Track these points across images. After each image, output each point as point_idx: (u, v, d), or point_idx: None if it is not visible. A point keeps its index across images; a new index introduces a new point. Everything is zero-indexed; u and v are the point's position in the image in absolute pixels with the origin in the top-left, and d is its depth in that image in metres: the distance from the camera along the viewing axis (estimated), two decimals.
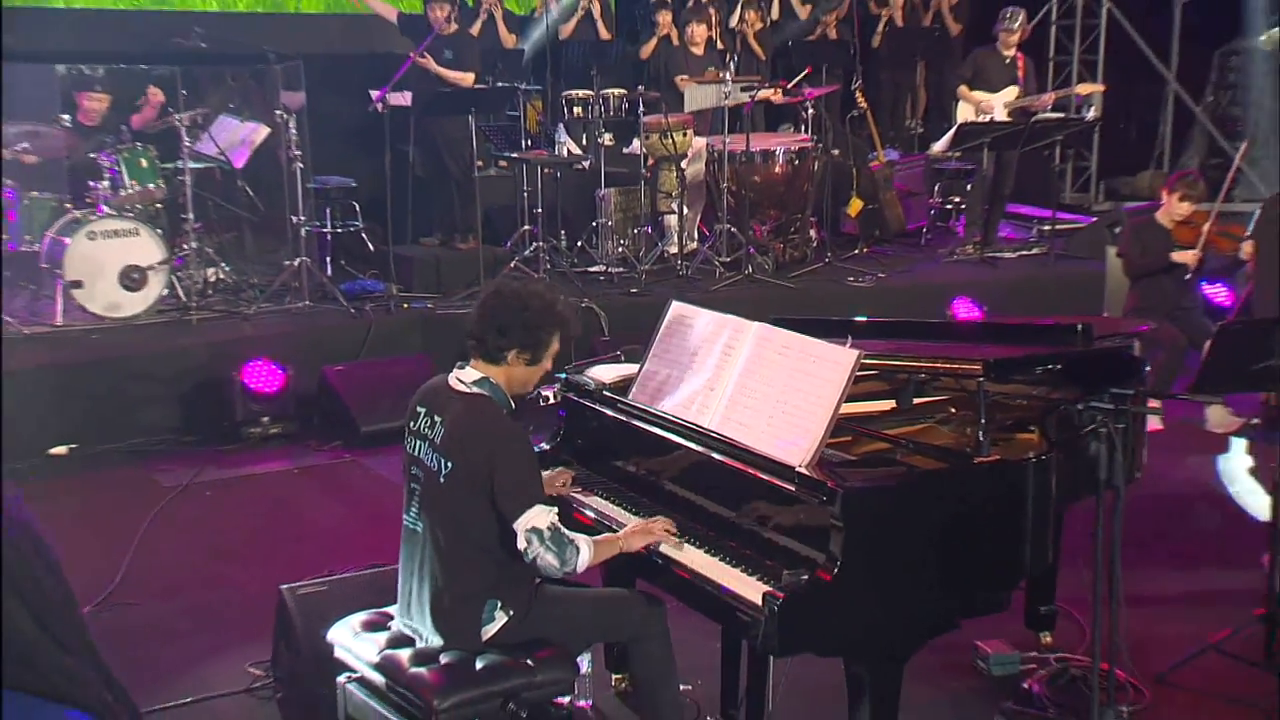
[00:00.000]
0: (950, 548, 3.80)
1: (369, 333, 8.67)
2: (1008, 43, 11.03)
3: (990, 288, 10.03)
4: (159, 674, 5.04)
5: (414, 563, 3.97)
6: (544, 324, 3.89)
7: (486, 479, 3.76)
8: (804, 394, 3.85)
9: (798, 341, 4.00)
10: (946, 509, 3.81)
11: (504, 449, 3.80)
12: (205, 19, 11.33)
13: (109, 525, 6.60)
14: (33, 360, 7.90)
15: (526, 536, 3.69)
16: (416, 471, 3.94)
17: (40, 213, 8.72)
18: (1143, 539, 4.83)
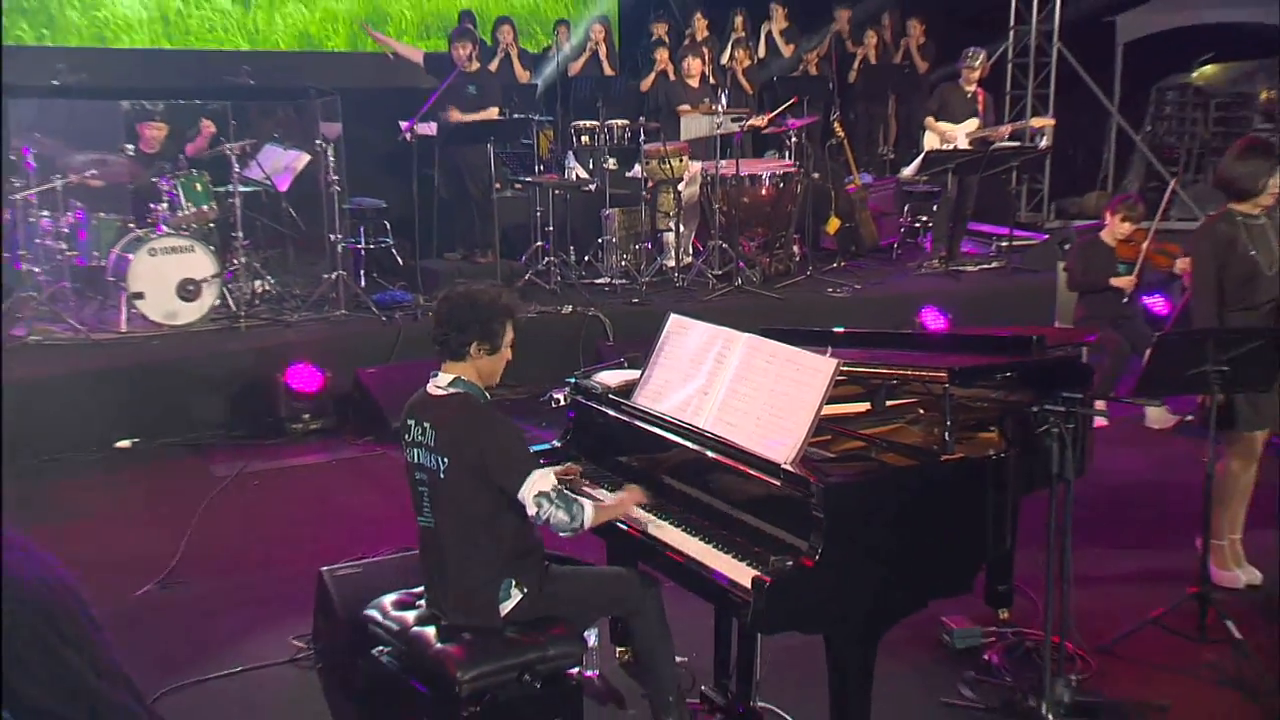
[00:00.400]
0: (920, 536, 3.80)
1: (398, 338, 8.65)
2: (969, 79, 11.05)
3: (954, 298, 10.05)
4: (212, 645, 5.05)
5: (433, 556, 3.97)
6: (494, 315, 3.91)
7: (481, 465, 3.78)
8: (788, 398, 3.84)
9: (783, 351, 3.99)
10: (916, 502, 3.80)
11: (489, 433, 3.82)
12: (252, 58, 11.36)
13: (168, 511, 6.59)
14: (99, 363, 7.92)
15: (535, 501, 3.70)
16: (421, 475, 3.93)
17: (107, 232, 8.72)
18: (1090, 525, 4.84)
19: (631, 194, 10.54)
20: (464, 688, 3.71)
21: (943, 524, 3.85)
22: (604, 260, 10.33)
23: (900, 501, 3.78)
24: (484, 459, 3.78)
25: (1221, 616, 5.05)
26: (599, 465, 4.46)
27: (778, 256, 10.48)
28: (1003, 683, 4.67)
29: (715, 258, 10.13)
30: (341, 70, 11.98)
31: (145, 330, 8.42)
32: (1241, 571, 5.57)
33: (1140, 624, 5.07)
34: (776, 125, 10.99)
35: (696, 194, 10.52)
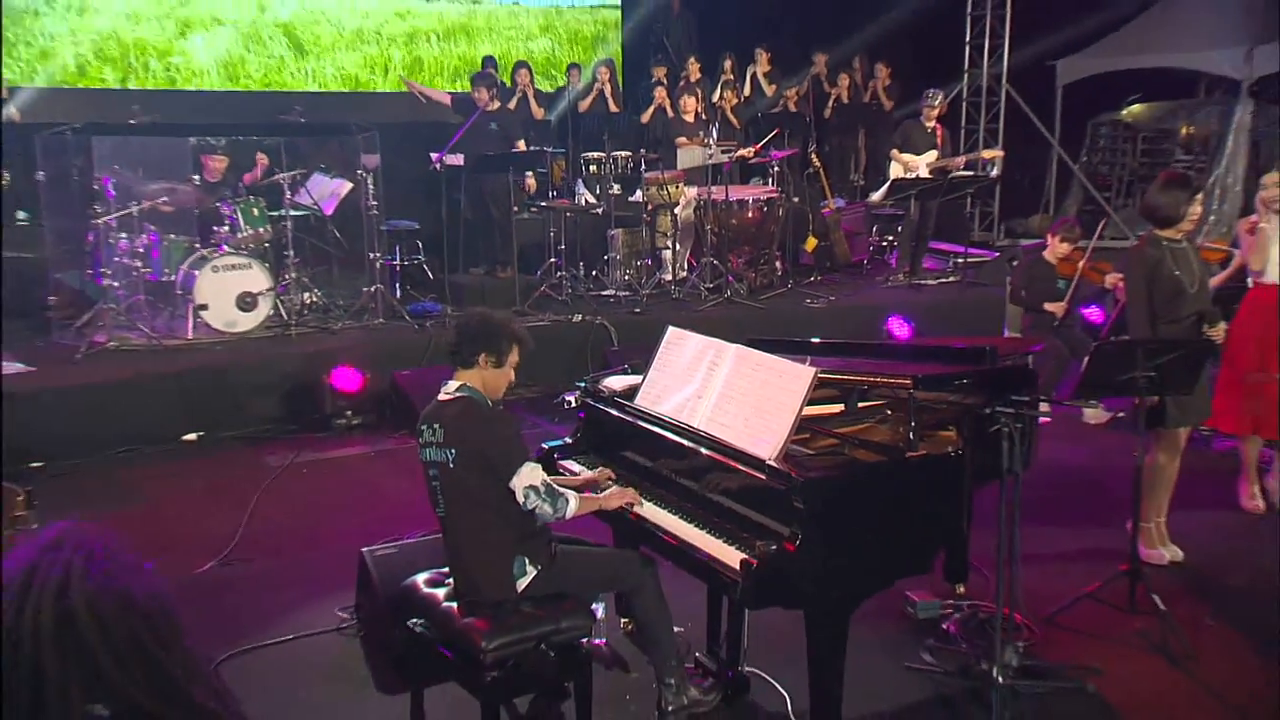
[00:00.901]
0: (888, 523, 3.81)
1: (429, 344, 8.58)
2: (929, 116, 11.04)
3: (917, 308, 10.01)
4: (268, 615, 5.06)
5: (451, 541, 3.97)
6: (503, 335, 3.93)
7: (482, 455, 3.79)
8: (773, 402, 3.84)
9: (768, 360, 3.99)
10: (885, 493, 3.81)
11: (489, 428, 3.83)
12: (302, 98, 11.34)
13: (228, 497, 6.59)
14: (169, 367, 7.90)
15: (524, 492, 3.74)
16: (433, 471, 3.93)
17: (175, 251, 8.70)
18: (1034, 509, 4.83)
19: (634, 216, 10.52)
20: (488, 656, 3.71)
21: (908, 512, 3.86)
22: (609, 274, 10.30)
23: (871, 493, 3.78)
24: (484, 450, 3.80)
25: (1148, 591, 5.05)
26: (606, 459, 4.45)
27: (762, 271, 10.46)
28: (959, 649, 4.67)
29: (707, 272, 10.09)
30: (380, 109, 11.96)
31: (209, 337, 8.41)
32: (1166, 550, 5.57)
33: (1078, 597, 5.08)
34: (761, 156, 10.95)
35: (691, 216, 10.47)
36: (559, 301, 9.70)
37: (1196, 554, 5.60)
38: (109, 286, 8.57)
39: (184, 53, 12.13)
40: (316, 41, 12.81)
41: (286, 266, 8.94)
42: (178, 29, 12.08)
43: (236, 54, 12.38)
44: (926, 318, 9.85)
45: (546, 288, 9.79)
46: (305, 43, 12.75)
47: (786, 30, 13.67)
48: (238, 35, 12.40)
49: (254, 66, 12.49)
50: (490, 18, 13.74)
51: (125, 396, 7.56)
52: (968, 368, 4.32)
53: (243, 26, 12.41)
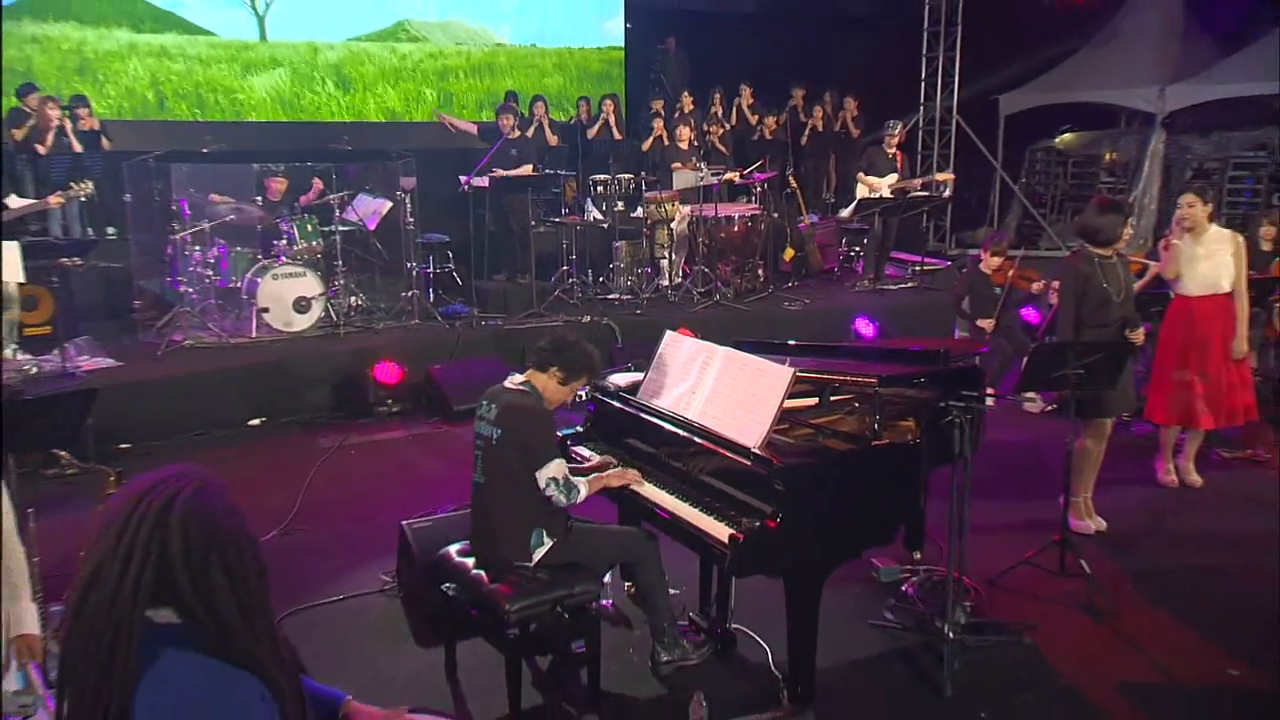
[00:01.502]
0: (856, 502, 3.81)
1: (458, 341, 8.59)
2: (890, 144, 11.00)
3: (880, 309, 9.97)
4: (321, 578, 5.07)
5: (480, 506, 3.99)
6: (582, 362, 3.96)
7: (523, 443, 3.80)
8: (757, 397, 3.83)
9: (752, 360, 3.99)
10: (853, 476, 3.81)
11: (535, 423, 3.85)
12: (349, 128, 11.28)
13: (286, 475, 6.59)
14: (236, 362, 7.90)
15: (546, 481, 3.78)
16: (480, 442, 3.95)
17: (241, 261, 8.68)
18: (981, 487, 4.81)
19: (635, 230, 10.49)
20: (511, 616, 3.72)
21: (873, 492, 3.86)
22: (614, 280, 10.25)
23: (841, 477, 3.78)
24: (526, 440, 3.81)
25: (1077, 557, 5.05)
26: (612, 445, 4.44)
27: (746, 278, 10.41)
28: (916, 609, 4.68)
29: (699, 279, 10.06)
30: (416, 137, 11.93)
31: (270, 336, 8.39)
32: (1092, 522, 5.57)
33: (1017, 563, 5.08)
34: (746, 178, 10.94)
35: (685, 230, 10.44)
36: (570, 304, 9.67)
37: (1118, 524, 5.60)
38: (185, 292, 8.63)
39: (248, 90, 12.10)
40: (361, 79, 12.77)
41: (336, 274, 8.92)
42: (242, 69, 12.06)
43: (292, 90, 12.36)
44: (889, 318, 9.82)
45: (560, 292, 9.75)
46: (351, 80, 12.71)
47: (767, 67, 13.61)
48: (293, 74, 12.36)
49: (307, 101, 12.45)
50: (511, 56, 13.70)
51: (198, 387, 7.56)
52: (925, 368, 4.30)
53: (298, 66, 12.37)
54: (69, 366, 7.41)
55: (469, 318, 9.25)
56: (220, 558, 1.88)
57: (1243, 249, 5.93)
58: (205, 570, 1.85)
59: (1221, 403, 5.86)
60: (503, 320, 9.20)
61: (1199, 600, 4.87)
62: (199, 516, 1.86)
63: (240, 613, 1.90)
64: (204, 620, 1.86)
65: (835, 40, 14.40)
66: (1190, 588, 4.99)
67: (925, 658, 4.30)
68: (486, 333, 8.88)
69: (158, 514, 1.82)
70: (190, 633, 1.86)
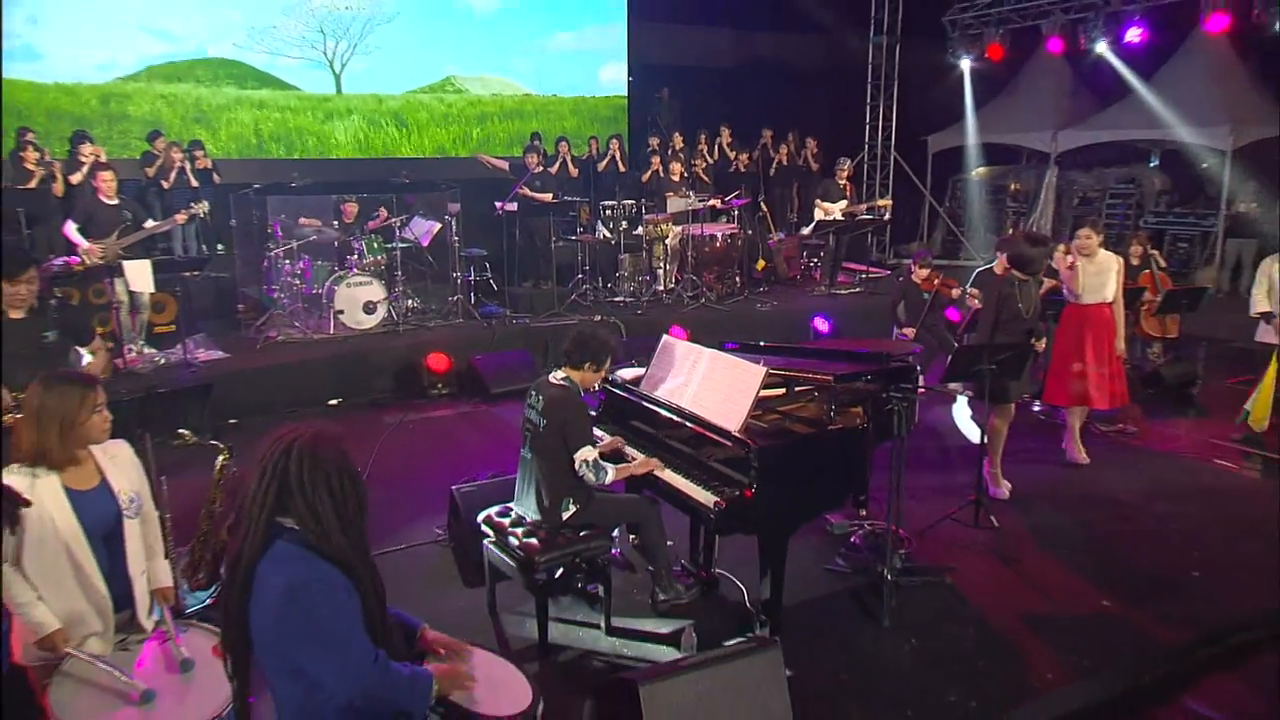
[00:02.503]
0: (816, 475, 3.80)
1: (494, 336, 8.54)
2: (841, 176, 10.91)
3: (834, 309, 9.88)
4: (386, 531, 5.01)
5: (525, 478, 3.97)
6: (605, 352, 3.93)
7: (564, 430, 3.76)
8: (736, 390, 3.83)
9: (733, 360, 3.98)
10: (814, 454, 3.81)
11: (574, 414, 3.81)
12: (408, 164, 11.22)
13: (358, 445, 6.23)
14: (318, 354, 7.86)
15: (580, 463, 3.74)
16: (528, 426, 3.92)
17: (322, 272, 8.62)
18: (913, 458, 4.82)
19: (637, 245, 10.39)
20: (540, 565, 3.74)
21: (830, 467, 3.86)
22: (620, 286, 10.16)
23: (804, 454, 3.79)
24: (566, 427, 3.78)
25: (988, 513, 5.10)
26: (620, 427, 4.42)
27: (726, 284, 10.34)
28: (862, 556, 4.69)
29: (688, 285, 9.99)
30: (460, 170, 11.80)
31: (344, 333, 8.33)
32: (1001, 486, 5.55)
33: (941, 519, 5.09)
34: (725, 204, 10.84)
35: (677, 245, 10.35)
36: (584, 305, 9.60)
37: (1021, 488, 5.58)
38: (278, 297, 8.57)
39: (327, 133, 12.01)
40: (416, 123, 12.66)
41: (396, 282, 8.83)
42: (323, 117, 11.96)
43: (362, 133, 12.26)
44: (841, 316, 9.74)
45: (575, 296, 9.69)
46: (409, 124, 12.60)
47: (742, 113, 13.46)
48: (363, 120, 12.25)
49: (374, 142, 12.35)
50: (535, 103, 13.58)
51: (289, 374, 7.53)
52: (871, 367, 4.28)
53: (367, 114, 12.26)
54: (189, 357, 7.40)
55: (503, 317, 9.18)
56: (325, 483, 2.10)
57: (1123, 268, 5.92)
58: (314, 491, 2.08)
59: (1105, 388, 5.85)
60: (530, 319, 9.14)
61: (1081, 547, 4.89)
62: (310, 453, 2.10)
63: (339, 525, 2.11)
64: (310, 526, 2.08)
65: (797, 92, 14.27)
66: (1075, 537, 5.01)
67: (868, 595, 4.32)
68: (517, 329, 8.83)
69: (283, 450, 2.09)
70: (301, 534, 2.09)
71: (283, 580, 2.02)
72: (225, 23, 11.14)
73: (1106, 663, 3.89)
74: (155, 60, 10.75)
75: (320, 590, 2.03)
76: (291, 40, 11.60)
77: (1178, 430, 6.76)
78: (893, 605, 4.15)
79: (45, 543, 2.70)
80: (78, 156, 8.50)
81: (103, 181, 7.22)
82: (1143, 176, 12.91)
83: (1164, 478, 5.82)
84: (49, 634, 2.69)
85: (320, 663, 2.04)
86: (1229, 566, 4.67)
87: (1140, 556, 4.78)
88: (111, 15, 10.37)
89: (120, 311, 7.14)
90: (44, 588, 2.71)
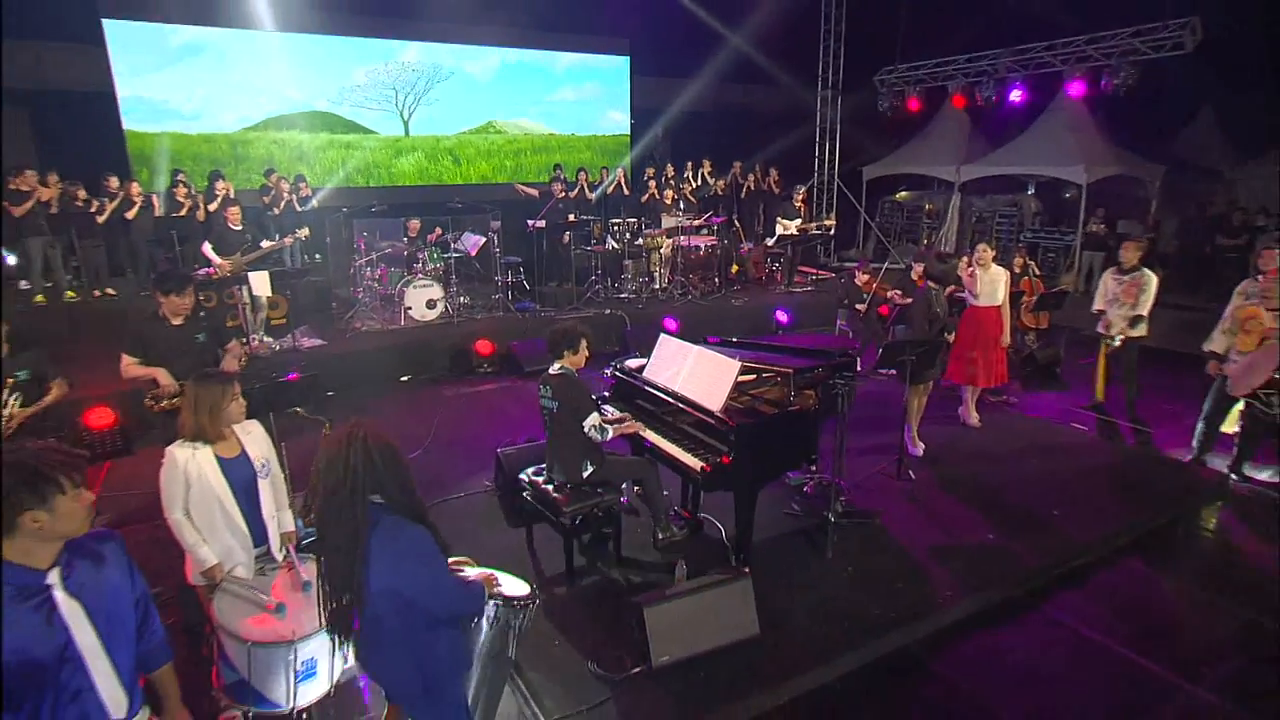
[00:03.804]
0: (780, 445, 3.80)
1: (528, 326, 8.48)
2: (797, 199, 10.86)
3: (791, 303, 9.79)
4: (446, 482, 5.01)
5: (553, 451, 3.95)
6: (577, 337, 3.84)
7: (572, 406, 3.75)
8: (718, 378, 3.82)
9: (715, 355, 3.95)
10: (778, 429, 3.79)
11: (576, 392, 3.78)
12: (459, 190, 11.10)
13: (423, 412, 6.51)
14: (392, 341, 7.78)
15: (589, 427, 3.72)
16: (546, 413, 3.90)
17: (394, 277, 8.54)
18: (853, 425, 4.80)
19: (638, 253, 10.32)
20: (566, 514, 3.74)
21: (790, 439, 3.85)
22: (624, 286, 10.07)
23: (770, 429, 3.77)
24: (573, 404, 3.74)
25: (908, 469, 5.11)
26: (627, 405, 4.40)
27: (707, 284, 10.25)
28: (811, 502, 4.69)
29: (678, 285, 9.92)
30: (500, 195, 11.65)
31: (411, 324, 8.26)
32: (917, 446, 5.55)
33: (873, 473, 5.10)
34: (706, 221, 10.75)
35: (669, 254, 10.28)
36: (597, 301, 9.52)
37: (932, 448, 5.59)
38: (361, 296, 8.49)
39: (397, 167, 11.83)
40: (466, 157, 12.47)
41: (451, 284, 8.75)
42: (394, 154, 11.77)
43: (424, 165, 12.08)
44: (797, 309, 9.64)
45: (590, 293, 9.61)
46: (461, 158, 12.40)
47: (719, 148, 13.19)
48: (425, 156, 12.06)
49: (433, 173, 12.16)
50: (558, 140, 13.36)
51: (371, 356, 7.47)
52: (821, 361, 4.24)
53: (428, 151, 12.07)
54: (296, 344, 7.37)
55: (534, 310, 9.12)
56: (391, 463, 2.09)
57: (1008, 278, 5.89)
58: (388, 470, 2.07)
59: (991, 371, 5.85)
60: (555, 311, 9.06)
61: (974, 493, 4.90)
62: (377, 444, 2.08)
63: (407, 493, 2.11)
64: (395, 498, 2.09)
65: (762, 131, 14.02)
66: (969, 485, 5.01)
67: (816, 533, 4.34)
68: (545, 320, 8.77)
69: (361, 445, 2.05)
70: (389, 506, 2.08)
71: (402, 545, 2.05)
72: (322, 84, 11.01)
73: (989, 583, 3.93)
74: (271, 114, 10.63)
75: (425, 544, 2.07)
76: (371, 95, 11.43)
77: (1046, 400, 6.76)
78: (834, 541, 4.18)
79: (204, 498, 2.86)
80: (214, 190, 8.48)
81: (231, 213, 7.33)
82: (1022, 202, 12.89)
83: (1035, 438, 5.82)
84: (210, 567, 2.88)
85: (427, 594, 2.09)
86: (1078, 506, 4.71)
87: (1016, 499, 4.80)
88: (242, 80, 10.34)
89: (245, 310, 7.11)
90: (205, 531, 2.89)
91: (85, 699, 1.77)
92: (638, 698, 3.12)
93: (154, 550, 3.74)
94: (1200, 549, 4.44)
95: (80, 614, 1.79)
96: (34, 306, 7.68)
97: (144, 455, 3.58)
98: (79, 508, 1.80)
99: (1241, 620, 3.76)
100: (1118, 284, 5.80)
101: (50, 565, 1.79)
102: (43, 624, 1.73)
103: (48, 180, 7.97)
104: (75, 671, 1.76)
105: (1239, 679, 3.39)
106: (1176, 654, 3.51)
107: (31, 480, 1.74)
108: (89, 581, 1.83)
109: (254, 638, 2.63)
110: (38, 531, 1.76)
